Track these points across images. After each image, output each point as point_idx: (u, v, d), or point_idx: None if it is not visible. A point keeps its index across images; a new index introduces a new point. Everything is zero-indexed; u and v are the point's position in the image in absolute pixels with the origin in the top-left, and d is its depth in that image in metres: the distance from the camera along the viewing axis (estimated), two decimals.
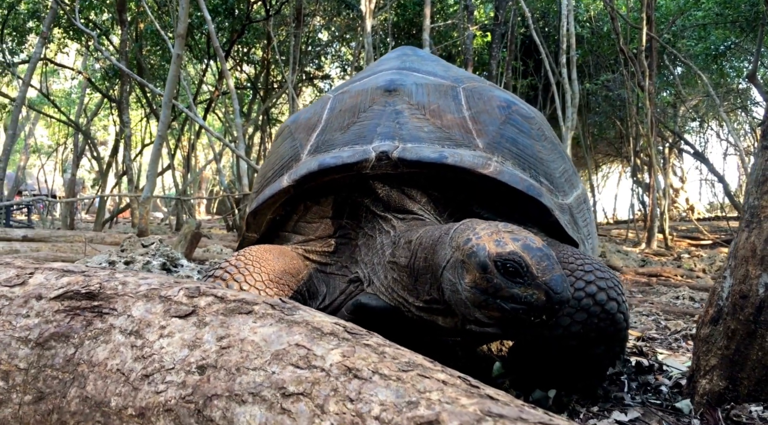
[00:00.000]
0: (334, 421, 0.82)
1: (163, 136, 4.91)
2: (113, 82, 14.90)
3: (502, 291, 1.48)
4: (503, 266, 1.48)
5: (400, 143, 2.01)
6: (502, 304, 1.49)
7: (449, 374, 0.90)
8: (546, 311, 1.47)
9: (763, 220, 1.56)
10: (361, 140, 2.08)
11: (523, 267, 1.47)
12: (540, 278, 1.45)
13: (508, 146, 2.11)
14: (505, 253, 1.48)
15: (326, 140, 2.18)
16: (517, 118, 2.25)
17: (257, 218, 2.29)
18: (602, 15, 16.85)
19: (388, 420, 0.80)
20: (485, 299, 1.51)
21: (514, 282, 1.47)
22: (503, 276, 1.48)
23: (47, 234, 7.36)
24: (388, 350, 0.95)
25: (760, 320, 1.53)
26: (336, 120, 2.25)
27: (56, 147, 23.25)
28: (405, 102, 2.19)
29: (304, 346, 0.95)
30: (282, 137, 2.46)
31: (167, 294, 1.11)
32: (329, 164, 2.02)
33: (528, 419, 0.75)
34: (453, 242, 1.63)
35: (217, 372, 0.94)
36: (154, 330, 1.04)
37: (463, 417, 0.77)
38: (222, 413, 0.89)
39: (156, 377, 0.97)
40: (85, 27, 13.30)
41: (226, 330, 1.01)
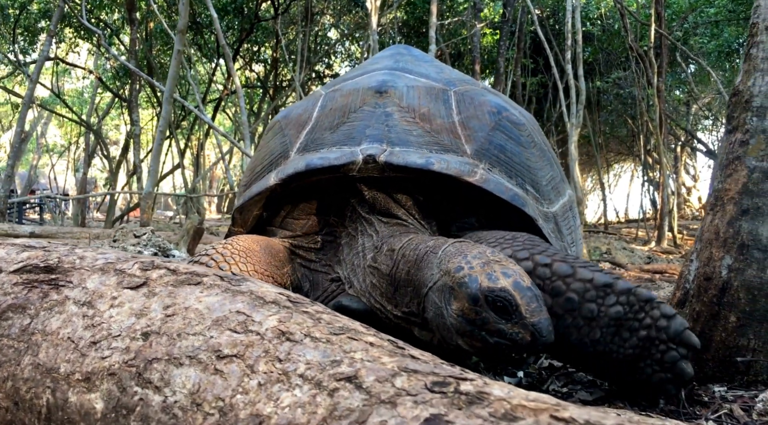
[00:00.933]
0: (261, 380, 0.85)
1: (163, 132, 4.97)
2: (124, 82, 15.07)
3: (489, 325, 1.49)
4: (494, 301, 1.48)
5: (389, 146, 2.03)
6: (486, 337, 1.50)
7: (379, 337, 0.92)
8: (529, 350, 1.49)
9: (727, 203, 1.56)
10: (350, 141, 2.09)
11: (513, 306, 1.47)
12: (528, 319, 1.46)
13: (496, 153, 2.12)
14: (497, 289, 1.49)
15: (315, 139, 2.19)
16: (507, 124, 2.26)
17: (243, 214, 2.31)
18: (613, 12, 16.72)
19: (311, 377, 0.82)
20: (471, 330, 1.52)
21: (501, 318, 1.48)
22: (492, 311, 1.49)
23: (54, 231, 7.47)
24: (325, 316, 0.98)
25: (723, 301, 1.53)
26: (326, 119, 2.25)
27: (68, 146, 23.56)
28: (395, 104, 2.20)
29: (244, 313, 0.97)
30: (273, 131, 2.46)
31: (122, 267, 1.14)
32: (316, 165, 2.03)
33: (439, 373, 0.77)
34: (442, 265, 1.63)
35: (159, 338, 0.97)
36: (105, 301, 1.08)
37: (380, 372, 0.80)
38: (160, 375, 0.92)
39: (103, 344, 1.00)
40: (95, 26, 13.49)
41: (173, 299, 1.04)
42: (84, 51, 17.78)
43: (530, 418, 0.65)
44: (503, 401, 0.69)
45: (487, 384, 0.74)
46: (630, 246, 10.21)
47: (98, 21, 14.17)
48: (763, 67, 1.59)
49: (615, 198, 29.22)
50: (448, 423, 0.68)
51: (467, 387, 0.73)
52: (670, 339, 1.52)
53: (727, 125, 1.64)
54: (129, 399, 0.92)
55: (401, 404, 0.73)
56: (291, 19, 16.44)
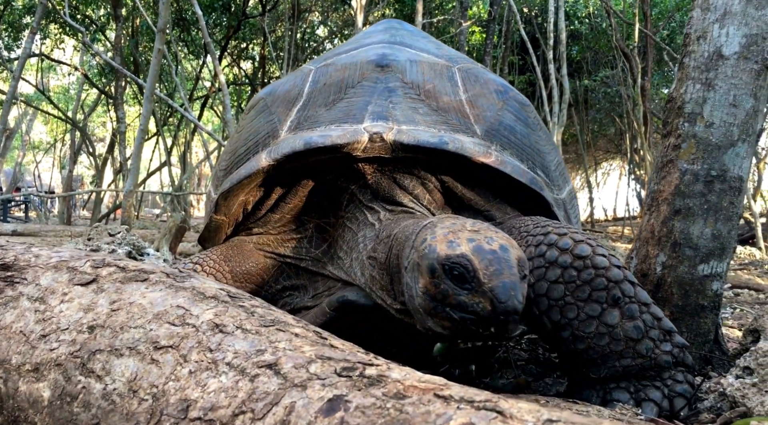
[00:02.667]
0: (192, 368, 0.92)
1: (144, 130, 5.02)
2: (110, 79, 15.02)
3: (449, 298, 1.35)
4: (450, 270, 1.34)
5: (394, 124, 1.83)
6: (450, 313, 1.36)
7: (306, 329, 1.00)
8: (493, 322, 1.31)
9: (661, 203, 1.66)
10: (350, 119, 1.88)
11: (469, 272, 1.32)
12: (486, 285, 1.30)
13: (506, 135, 1.96)
14: (454, 255, 1.34)
15: (309, 116, 1.97)
16: (515, 104, 2.10)
17: (228, 199, 2.04)
18: (600, 11, 16.87)
19: (237, 365, 0.90)
20: (435, 307, 1.38)
21: (461, 288, 1.34)
22: (451, 281, 1.35)
23: (37, 229, 7.49)
24: (260, 310, 1.05)
25: (658, 296, 1.63)
26: (320, 95, 2.03)
27: (54, 143, 23.43)
28: (398, 79, 2.00)
29: (184, 307, 1.05)
30: (256, 109, 2.21)
31: (74, 265, 1.21)
32: (317, 143, 1.81)
33: (350, 360, 0.85)
34: (415, 241, 1.49)
35: (103, 331, 1.04)
36: (57, 297, 1.14)
37: (298, 359, 0.87)
38: (102, 365, 0.99)
39: (52, 336, 1.07)
40: (81, 22, 13.42)
41: (119, 295, 1.11)
42: (69, 47, 17.68)
43: (416, 396, 0.72)
44: (398, 382, 0.77)
45: (389, 369, 0.82)
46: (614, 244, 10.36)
47: (83, 17, 14.11)
48: (695, 75, 1.68)
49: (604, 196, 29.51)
50: (347, 402, 0.75)
51: (371, 372, 0.81)
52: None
53: (663, 129, 1.73)
54: (73, 387, 0.99)
55: (311, 387, 0.80)
56: (278, 16, 16.45)
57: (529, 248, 1.58)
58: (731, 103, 1.63)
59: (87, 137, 16.36)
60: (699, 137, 1.67)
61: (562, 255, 1.52)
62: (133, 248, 2.86)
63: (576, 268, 1.51)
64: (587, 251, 1.52)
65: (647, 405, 1.49)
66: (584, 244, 1.53)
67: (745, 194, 1.75)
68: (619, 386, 1.52)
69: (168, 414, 0.87)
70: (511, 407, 0.67)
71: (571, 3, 15.80)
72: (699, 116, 1.67)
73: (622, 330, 1.48)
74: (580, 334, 1.50)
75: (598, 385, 1.55)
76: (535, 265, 1.55)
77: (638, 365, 1.49)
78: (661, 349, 1.49)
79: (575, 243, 1.53)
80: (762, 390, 1.35)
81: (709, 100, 1.67)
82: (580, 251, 1.51)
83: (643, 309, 1.50)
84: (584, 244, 1.53)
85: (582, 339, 1.50)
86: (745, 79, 1.63)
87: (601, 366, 1.51)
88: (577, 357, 1.54)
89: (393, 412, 0.71)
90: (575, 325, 1.50)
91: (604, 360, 1.50)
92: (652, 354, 1.49)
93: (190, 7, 13.91)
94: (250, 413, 0.81)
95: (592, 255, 1.51)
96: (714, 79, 1.65)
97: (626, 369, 1.50)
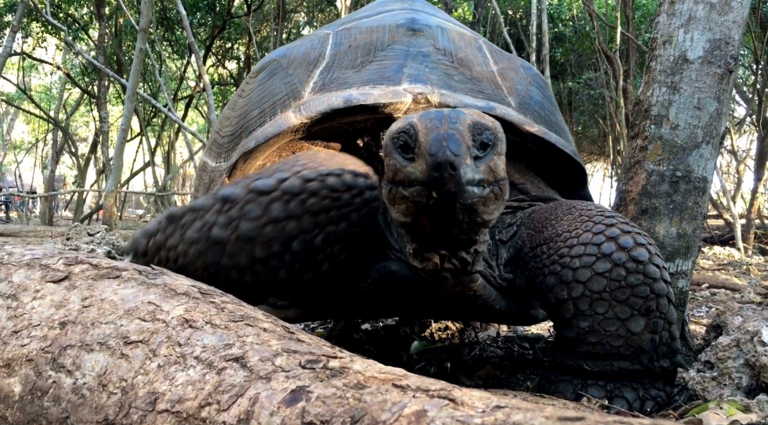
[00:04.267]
0: (161, 362, 0.94)
1: (126, 130, 5.00)
2: (93, 78, 14.88)
3: (399, 174, 1.26)
4: (396, 141, 1.25)
5: (434, 88, 1.75)
6: (402, 191, 1.27)
7: (274, 324, 1.02)
8: (430, 185, 1.21)
9: (629, 203, 1.71)
10: (386, 81, 1.80)
11: (411, 136, 1.22)
12: (422, 145, 1.19)
13: (537, 110, 1.90)
14: (402, 126, 1.25)
15: (335, 78, 1.87)
16: (540, 81, 2.06)
17: (248, 162, 1.87)
18: (583, 14, 17.06)
19: (205, 359, 0.92)
20: (390, 191, 1.30)
21: (406, 159, 1.25)
22: (398, 154, 1.26)
23: (17, 229, 7.41)
24: (230, 306, 1.07)
25: None
26: (345, 57, 1.93)
27: (36, 143, 23.14)
28: (431, 45, 1.92)
29: (155, 303, 1.06)
30: (268, 71, 2.07)
31: (47, 263, 1.22)
32: (358, 100, 1.70)
33: (315, 353, 0.88)
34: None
35: (75, 327, 1.05)
36: (29, 294, 1.15)
37: (265, 353, 0.90)
38: (72, 360, 1.00)
39: (23, 333, 1.08)
40: (63, 21, 13.28)
41: (91, 291, 1.12)
42: (52, 46, 17.48)
43: (375, 386, 0.75)
44: (359, 374, 0.80)
45: (352, 361, 0.85)
46: None
47: (66, 16, 13.96)
48: (661, 79, 1.74)
49: None
50: (309, 392, 0.78)
51: (334, 364, 0.84)
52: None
53: (630, 131, 1.78)
54: (44, 382, 1.01)
55: (275, 379, 0.83)
56: (264, 16, 16.41)
57: (586, 234, 1.51)
58: (696, 106, 1.69)
59: (69, 136, 16.18)
60: (665, 138, 1.73)
61: (618, 252, 1.47)
62: (113, 248, 2.86)
63: (627, 269, 1.46)
64: (644, 256, 1.48)
65: (619, 401, 1.51)
66: (644, 248, 1.49)
67: (709, 194, 1.81)
68: (597, 383, 1.55)
69: (136, 406, 0.89)
70: (464, 395, 0.70)
71: (554, 6, 15.95)
72: (665, 118, 1.72)
73: (639, 338, 1.48)
74: (599, 329, 1.49)
75: (576, 379, 1.57)
76: (586, 251, 1.49)
77: (633, 370, 1.52)
78: (659, 363, 1.51)
79: (635, 245, 1.48)
80: (721, 384, 1.40)
81: (674, 103, 1.72)
82: (638, 254, 1.47)
83: (665, 327, 1.50)
84: (644, 248, 1.49)
85: (598, 333, 1.49)
86: (708, 83, 1.69)
87: (600, 361, 1.52)
88: (581, 347, 1.53)
89: (352, 401, 0.74)
90: (599, 320, 1.49)
91: (607, 357, 1.51)
92: (650, 365, 1.51)
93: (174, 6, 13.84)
94: (215, 404, 0.83)
95: (647, 262, 1.48)
96: (679, 83, 1.71)
97: (620, 371, 1.52)
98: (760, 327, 1.41)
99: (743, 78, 15.21)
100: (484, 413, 0.64)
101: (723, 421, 1.21)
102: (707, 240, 10.69)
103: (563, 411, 0.60)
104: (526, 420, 0.60)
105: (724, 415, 1.22)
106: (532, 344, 2.39)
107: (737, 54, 1.74)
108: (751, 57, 11.80)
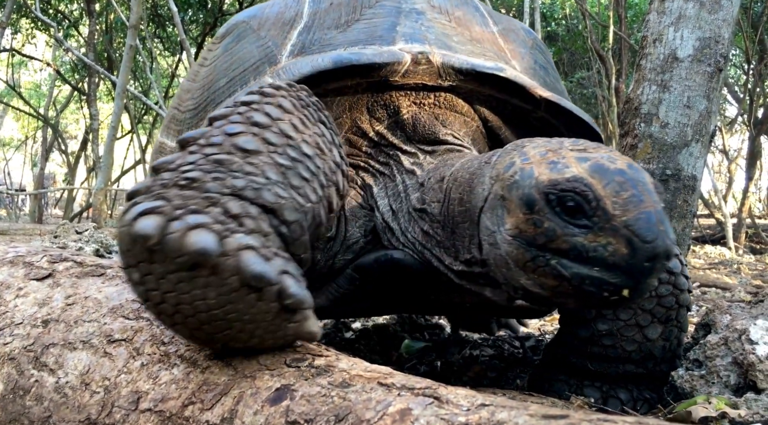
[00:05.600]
0: (145, 360, 0.93)
1: (115, 128, 4.96)
2: (83, 75, 14.76)
3: (556, 241, 0.99)
4: (558, 200, 0.98)
5: (434, 48, 1.54)
6: (557, 265, 1.00)
7: None
8: (631, 273, 0.96)
9: None
10: (377, 41, 1.57)
11: (590, 201, 0.96)
12: (617, 218, 0.94)
13: (542, 76, 1.72)
14: (563, 180, 0.98)
15: (317, 39, 1.64)
16: (542, 47, 1.89)
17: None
18: (576, 13, 17.10)
19: (189, 357, 0.91)
20: (533, 257, 1.02)
21: (576, 226, 0.98)
22: (559, 217, 0.99)
23: (6, 227, 7.35)
24: None
25: None
26: (327, 16, 1.72)
27: (25, 140, 22.95)
28: (425, 1, 1.72)
29: (139, 301, 1.05)
30: (235, 35, 1.82)
31: (30, 260, 1.21)
32: (349, 60, 1.48)
33: (301, 350, 0.87)
34: (494, 170, 1.15)
35: (58, 325, 1.04)
36: (12, 291, 1.14)
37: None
38: (55, 359, 0.99)
39: (6, 331, 1.07)
40: (53, 17, 13.15)
41: (75, 289, 1.11)
42: (41, 42, 17.32)
43: (360, 384, 0.75)
44: (344, 372, 0.79)
45: (338, 360, 0.84)
46: None
47: (56, 12, 13.84)
48: (651, 77, 1.74)
49: None
50: (293, 391, 0.77)
51: (319, 362, 0.83)
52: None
53: (620, 129, 1.79)
54: (26, 380, 0.99)
55: (259, 377, 0.82)
56: None
57: None
58: (685, 104, 1.69)
59: (59, 134, 16.06)
60: (655, 137, 1.73)
61: None
62: (101, 246, 2.83)
63: (660, 279, 1.39)
64: (678, 268, 1.40)
65: (613, 402, 1.50)
66: (677, 259, 1.41)
67: (699, 192, 1.82)
68: (593, 384, 1.53)
69: (119, 406, 0.88)
70: (449, 393, 0.69)
71: (547, 5, 15.98)
72: (655, 116, 1.72)
73: (653, 345, 1.45)
74: (616, 333, 1.44)
75: (572, 379, 1.55)
76: None
77: (636, 373, 1.50)
78: (660, 368, 1.50)
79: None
80: (709, 382, 1.40)
81: (664, 102, 1.72)
82: (673, 265, 1.39)
83: (677, 334, 1.48)
84: (677, 259, 1.41)
85: (614, 337, 1.44)
86: (698, 81, 1.69)
87: (607, 363, 1.48)
88: (592, 348, 1.47)
89: (337, 400, 0.73)
90: (619, 325, 1.43)
91: (615, 360, 1.48)
92: (653, 369, 1.49)
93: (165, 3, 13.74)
94: (199, 403, 0.82)
95: (679, 273, 1.41)
96: (669, 81, 1.71)
97: (623, 373, 1.50)
98: (748, 326, 1.41)
99: (735, 77, 15.31)
100: (469, 411, 0.63)
101: (711, 414, 1.21)
102: (699, 239, 10.76)
103: (547, 409, 0.60)
104: (511, 418, 0.59)
105: (713, 409, 1.23)
106: (522, 342, 2.40)
107: (727, 52, 1.74)
108: (743, 56, 11.90)
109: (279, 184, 0.94)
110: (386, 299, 1.58)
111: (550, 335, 2.52)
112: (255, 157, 0.96)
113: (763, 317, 1.45)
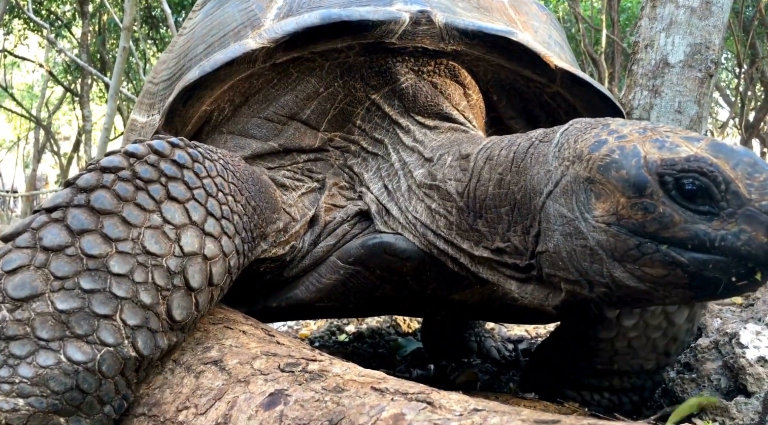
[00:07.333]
0: None
1: (109, 129, 4.95)
2: (76, 76, 14.69)
3: (672, 229, 0.89)
4: (676, 182, 0.88)
5: (436, 9, 1.38)
6: (672, 253, 0.89)
7: (254, 327, 1.02)
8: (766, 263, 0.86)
9: None
10: (372, 1, 1.41)
11: (718, 184, 0.86)
12: (755, 203, 0.85)
13: (557, 52, 1.54)
14: (681, 159, 0.88)
15: (307, 1, 1.46)
16: (556, 23, 1.75)
17: (189, 105, 1.41)
18: (569, 16, 17.19)
19: (183, 362, 0.91)
20: (638, 245, 0.91)
21: (698, 212, 0.88)
22: (677, 202, 0.89)
23: None
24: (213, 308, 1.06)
25: None
26: None
27: (17, 142, 22.81)
28: None
29: None
30: (216, 0, 1.66)
31: None
32: (339, 16, 1.33)
33: (294, 356, 0.87)
34: (565, 150, 1.05)
35: None
36: None
37: (243, 356, 0.89)
38: None
39: None
40: (46, 18, 13.08)
41: None
42: (34, 43, 17.24)
43: (354, 389, 0.75)
44: (338, 377, 0.79)
45: (332, 364, 0.85)
46: None
47: (49, 13, 13.77)
48: (642, 82, 1.76)
49: None
50: (287, 396, 0.77)
51: (313, 367, 0.83)
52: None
53: None
54: None
55: (253, 382, 0.82)
56: None
57: None
58: (677, 109, 1.71)
59: (52, 135, 15.97)
60: None
61: None
62: None
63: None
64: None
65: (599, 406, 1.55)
66: None
67: None
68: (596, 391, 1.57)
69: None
70: (442, 398, 0.70)
71: None
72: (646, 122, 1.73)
73: (655, 358, 1.50)
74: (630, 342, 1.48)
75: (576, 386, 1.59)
76: None
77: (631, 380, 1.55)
78: (653, 377, 1.55)
79: None
80: (700, 385, 1.41)
81: (655, 107, 1.74)
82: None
83: (679, 350, 1.51)
84: None
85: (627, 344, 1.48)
86: (689, 87, 1.71)
87: (609, 370, 1.52)
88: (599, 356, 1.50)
89: (330, 405, 0.73)
90: (632, 336, 1.46)
91: (617, 369, 1.52)
92: (653, 377, 1.54)
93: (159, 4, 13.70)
94: (193, 408, 0.82)
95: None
96: (660, 87, 1.73)
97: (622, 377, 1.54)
98: (739, 329, 1.43)
99: (726, 81, 15.44)
100: (462, 416, 0.64)
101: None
102: None
103: (539, 414, 0.60)
104: (503, 423, 0.60)
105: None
106: (515, 345, 2.41)
107: (718, 58, 1.76)
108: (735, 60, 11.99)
109: (50, 344, 0.81)
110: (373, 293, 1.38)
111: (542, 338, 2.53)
112: (27, 307, 0.82)
113: (753, 321, 1.47)
